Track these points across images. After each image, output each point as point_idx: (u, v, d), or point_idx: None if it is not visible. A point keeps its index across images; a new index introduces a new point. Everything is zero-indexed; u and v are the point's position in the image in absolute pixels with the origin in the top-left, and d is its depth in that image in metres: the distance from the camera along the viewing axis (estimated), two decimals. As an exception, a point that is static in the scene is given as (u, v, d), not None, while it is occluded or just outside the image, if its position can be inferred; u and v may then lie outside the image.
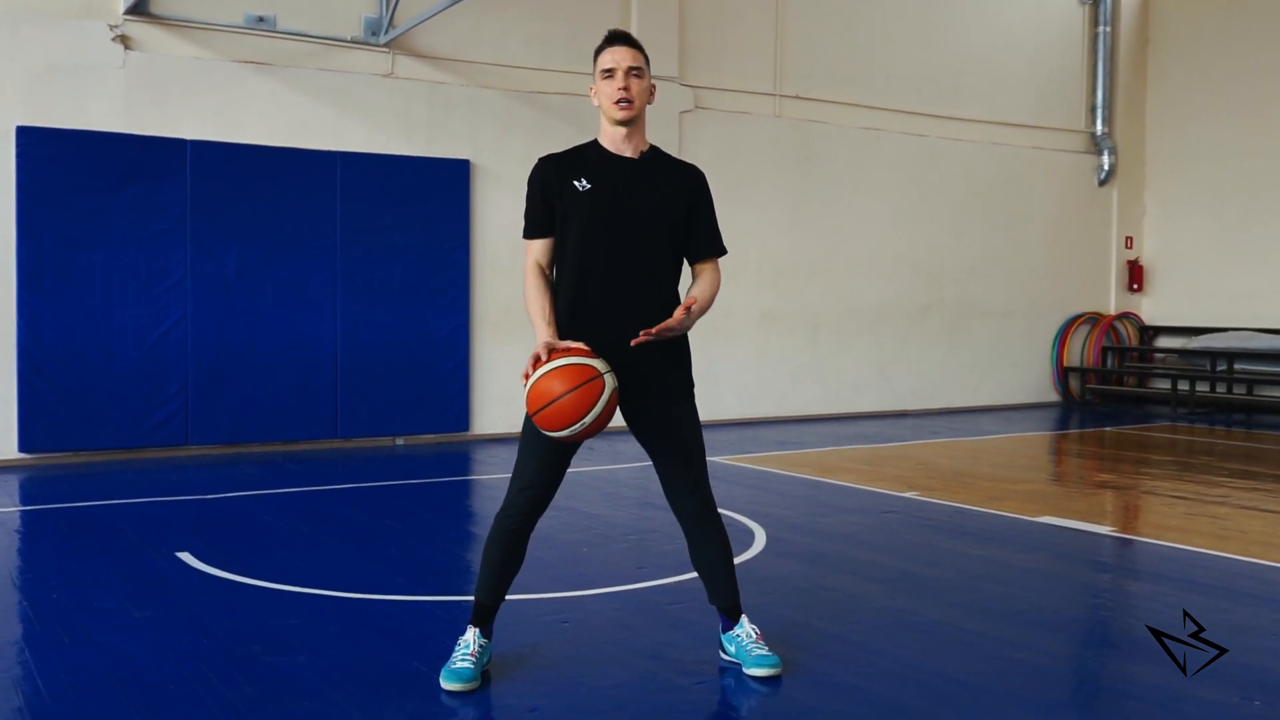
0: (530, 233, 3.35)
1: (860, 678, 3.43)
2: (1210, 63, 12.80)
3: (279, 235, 8.42)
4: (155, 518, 5.92)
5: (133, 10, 7.99)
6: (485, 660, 3.37)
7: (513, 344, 9.45)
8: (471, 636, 3.36)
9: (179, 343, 8.11)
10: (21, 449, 7.68)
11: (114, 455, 8.01)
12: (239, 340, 8.29)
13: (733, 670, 3.46)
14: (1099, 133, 13.08)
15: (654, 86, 3.38)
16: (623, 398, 3.33)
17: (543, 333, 3.22)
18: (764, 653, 3.39)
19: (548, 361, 3.11)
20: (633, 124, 3.31)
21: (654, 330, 3.12)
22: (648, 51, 3.40)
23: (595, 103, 3.35)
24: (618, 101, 3.26)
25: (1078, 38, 12.99)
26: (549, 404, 3.06)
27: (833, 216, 11.27)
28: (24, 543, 5.40)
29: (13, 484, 7.00)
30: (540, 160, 3.37)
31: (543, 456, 3.30)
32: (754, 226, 10.71)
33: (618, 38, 3.32)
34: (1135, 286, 13.41)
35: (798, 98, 11.05)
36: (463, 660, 3.30)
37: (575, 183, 3.28)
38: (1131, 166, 13.41)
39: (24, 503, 6.43)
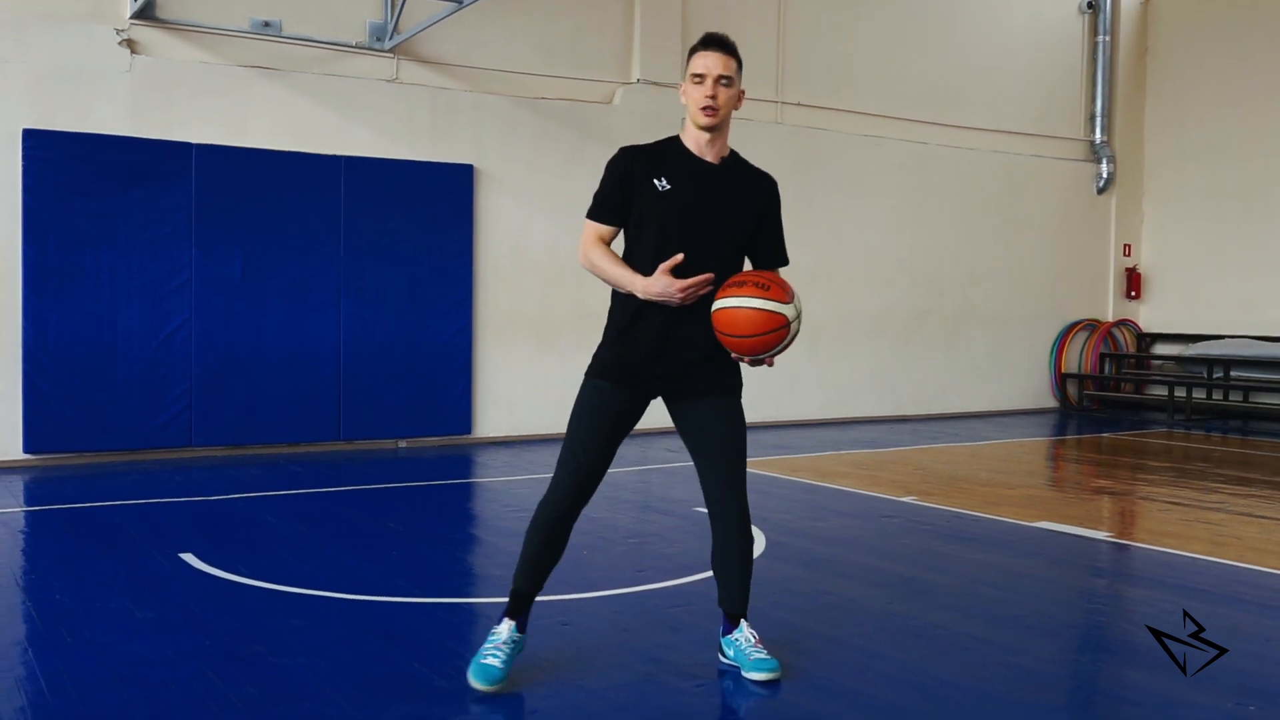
0: (598, 216, 3.36)
1: (858, 682, 3.46)
2: (1208, 72, 12.85)
3: (283, 238, 8.46)
4: (158, 519, 5.95)
5: (139, 15, 8.04)
6: (516, 654, 3.36)
7: (515, 348, 9.49)
8: (505, 629, 3.35)
9: (183, 344, 8.15)
10: (26, 450, 7.71)
11: (118, 456, 8.04)
12: (243, 342, 8.33)
13: (732, 673, 3.49)
14: (1098, 141, 13.12)
15: (743, 93, 3.40)
16: (674, 398, 3.39)
17: (640, 281, 3.25)
18: (763, 656, 3.42)
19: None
20: (717, 130, 3.34)
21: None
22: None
23: (683, 100, 3.36)
24: (704, 109, 3.28)
25: (1077, 47, 13.04)
26: (733, 337, 3.23)
27: (833, 223, 11.31)
28: (28, 543, 5.43)
29: (17, 485, 7.03)
30: (622, 150, 3.37)
31: (591, 440, 3.30)
32: (755, 232, 10.73)
33: (713, 41, 3.33)
34: (1133, 294, 13.45)
35: (799, 105, 11.10)
36: (491, 655, 3.30)
37: (655, 181, 3.30)
38: (1130, 175, 13.46)
39: (28, 503, 6.47)
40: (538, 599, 4.36)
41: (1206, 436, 10.77)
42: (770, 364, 3.33)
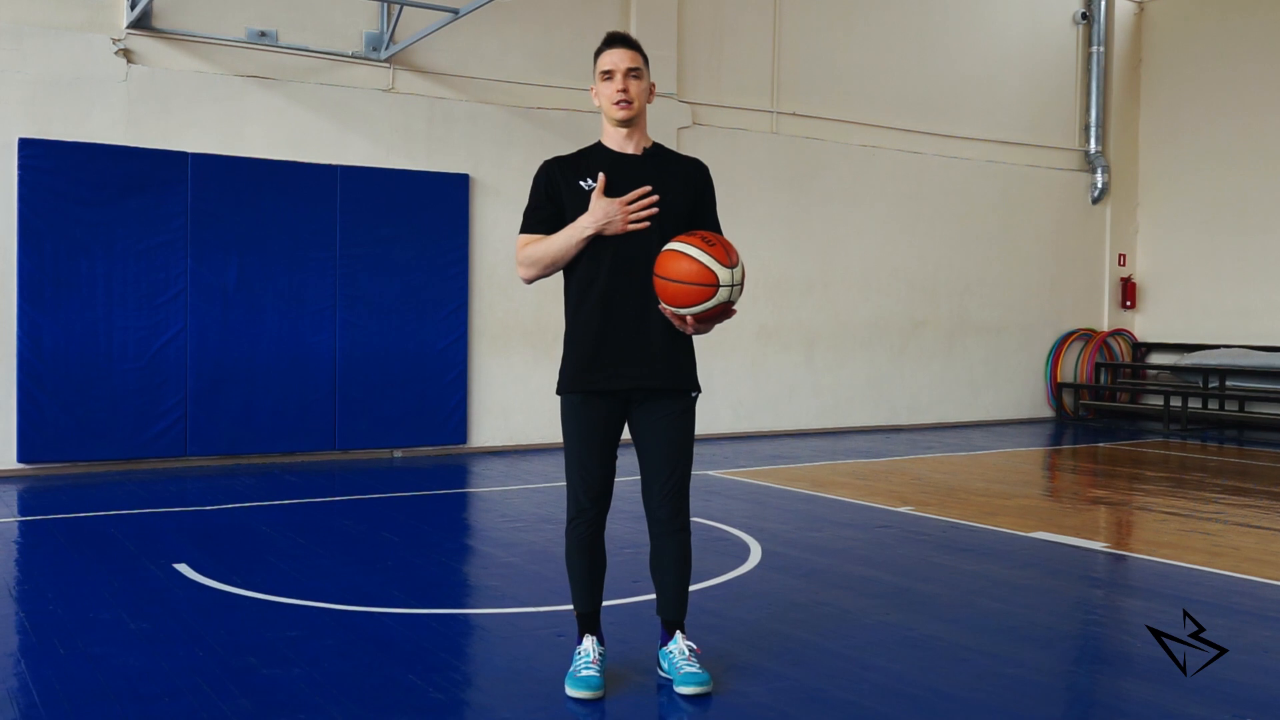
0: (530, 228, 3.40)
1: (854, 693, 3.45)
2: (1202, 83, 12.90)
3: (279, 247, 8.45)
4: (153, 529, 5.93)
5: (136, 24, 8.05)
6: (605, 662, 3.47)
7: (511, 356, 9.48)
8: (590, 645, 3.43)
9: (178, 354, 8.14)
10: (20, 459, 7.69)
11: (112, 466, 8.02)
12: (238, 352, 8.32)
13: (666, 687, 3.46)
14: (1093, 151, 13.17)
15: (653, 86, 3.45)
16: (635, 404, 3.39)
17: (581, 221, 3.27)
18: (693, 670, 3.40)
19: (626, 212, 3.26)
20: (633, 123, 3.39)
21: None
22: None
23: (596, 104, 3.42)
24: (617, 102, 3.34)
25: (1072, 58, 13.09)
26: (661, 278, 3.18)
27: (829, 232, 11.33)
28: (21, 554, 5.41)
29: (11, 494, 7.01)
30: (546, 162, 3.44)
31: (587, 458, 3.35)
32: (750, 242, 10.74)
33: (616, 39, 3.40)
34: (1128, 303, 13.48)
35: (795, 115, 11.12)
36: (586, 669, 3.38)
37: (580, 183, 3.36)
38: (1124, 185, 13.50)
39: (22, 513, 6.44)
40: (534, 609, 4.36)
41: (1203, 446, 10.78)
42: (690, 325, 3.24)
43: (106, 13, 8.03)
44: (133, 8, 7.95)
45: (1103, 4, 13.01)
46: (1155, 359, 13.44)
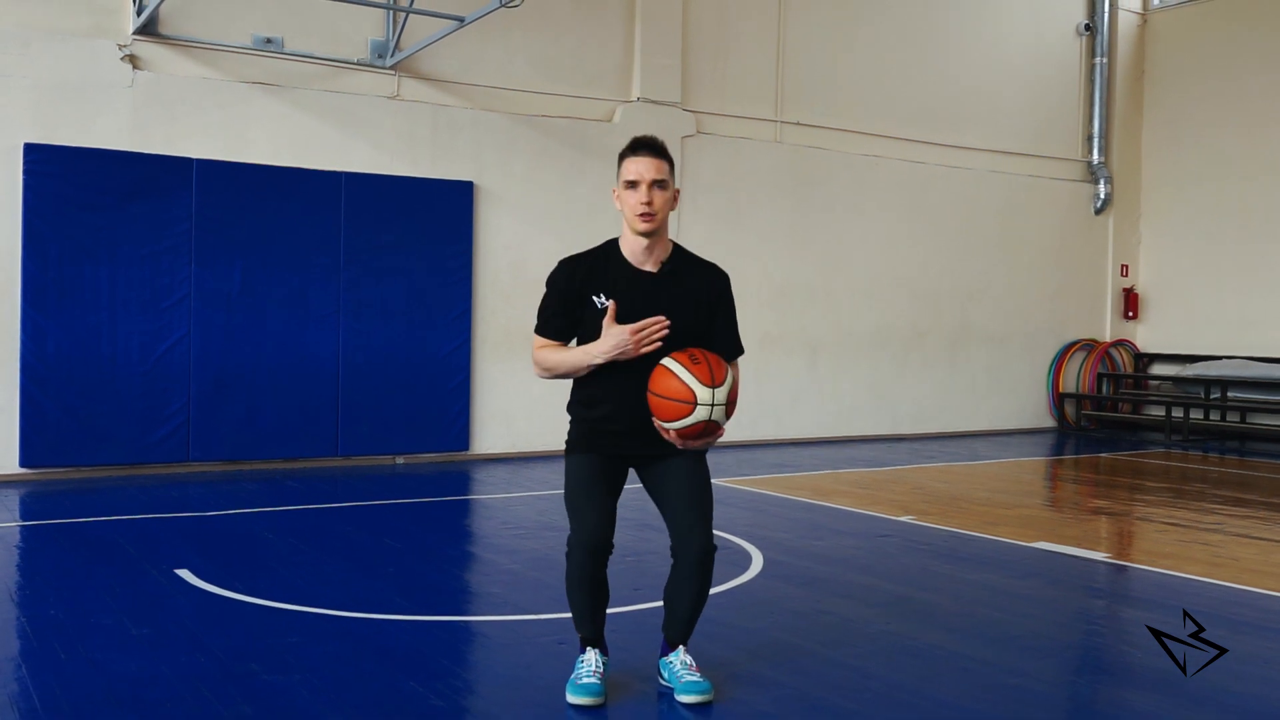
0: (544, 331, 3.38)
1: (855, 702, 3.45)
2: (1205, 93, 12.92)
3: (283, 253, 8.47)
4: (155, 534, 5.94)
5: (142, 30, 8.08)
6: (608, 670, 3.48)
7: (513, 363, 9.49)
8: (593, 656, 3.44)
9: (182, 359, 8.15)
10: (23, 464, 7.70)
11: (115, 471, 8.03)
12: (241, 357, 8.33)
13: (668, 695, 3.47)
14: (1095, 162, 13.19)
15: (678, 192, 3.36)
16: (642, 465, 3.42)
17: (594, 348, 3.26)
18: (695, 679, 3.41)
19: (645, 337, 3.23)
20: (655, 235, 3.31)
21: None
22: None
23: (617, 207, 3.34)
24: (641, 215, 3.25)
25: (1075, 68, 13.12)
26: (652, 393, 3.22)
27: (832, 241, 11.35)
28: (23, 558, 5.42)
29: (13, 499, 7.02)
30: (563, 264, 3.37)
31: (590, 501, 3.33)
32: (754, 250, 10.78)
33: (643, 145, 3.29)
34: (1130, 314, 13.49)
35: (799, 124, 11.15)
36: (588, 677, 3.38)
37: (595, 299, 3.30)
38: (1127, 195, 13.52)
39: (24, 518, 6.45)
40: (536, 617, 4.36)
41: (1204, 457, 10.77)
42: (676, 440, 3.26)
43: (112, 18, 8.07)
44: (139, 13, 7.98)
45: (1106, 15, 13.05)
46: (1157, 370, 13.44)
